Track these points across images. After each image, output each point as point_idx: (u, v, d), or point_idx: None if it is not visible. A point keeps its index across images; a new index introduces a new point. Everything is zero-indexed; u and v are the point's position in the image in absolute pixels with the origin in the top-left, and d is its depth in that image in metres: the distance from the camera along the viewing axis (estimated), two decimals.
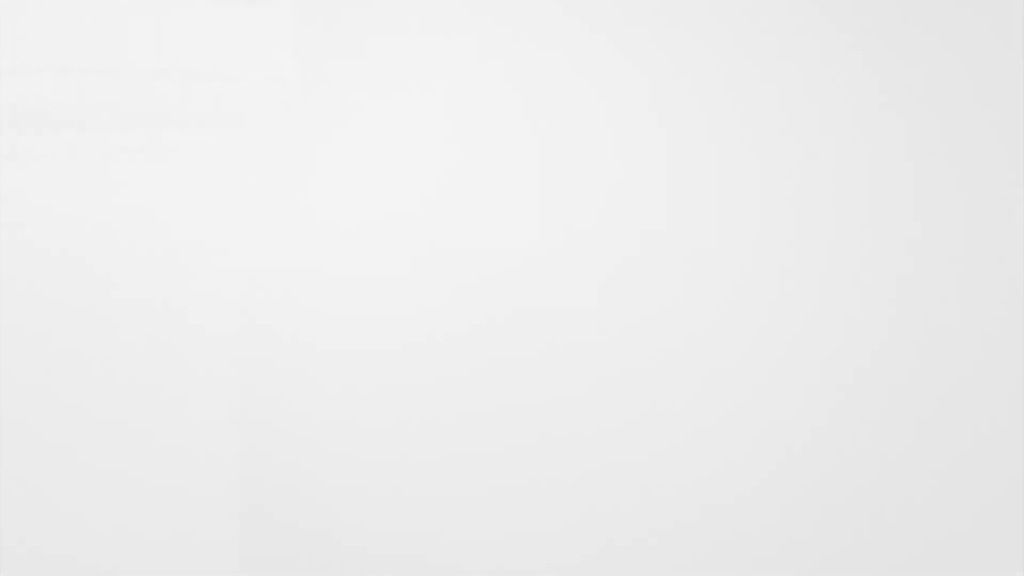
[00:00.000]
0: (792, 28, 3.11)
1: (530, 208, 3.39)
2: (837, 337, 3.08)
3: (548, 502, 3.55)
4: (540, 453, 3.45)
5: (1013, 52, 2.66)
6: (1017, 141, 2.76)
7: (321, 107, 3.74)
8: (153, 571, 3.40)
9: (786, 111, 3.02)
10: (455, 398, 3.33)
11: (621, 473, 3.62)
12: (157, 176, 3.26)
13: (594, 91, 3.67)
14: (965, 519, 2.95)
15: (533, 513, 3.52)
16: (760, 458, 3.09)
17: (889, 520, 2.87)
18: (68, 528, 3.17)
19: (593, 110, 3.64)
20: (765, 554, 3.13)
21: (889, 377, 2.90)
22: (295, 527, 3.86)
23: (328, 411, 3.82)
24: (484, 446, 3.38)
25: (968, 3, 2.83)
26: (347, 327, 3.80)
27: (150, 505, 3.38)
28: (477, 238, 3.32)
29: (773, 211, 3.16)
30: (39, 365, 3.04)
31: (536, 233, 3.35)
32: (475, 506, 3.44)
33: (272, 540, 3.90)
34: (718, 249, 3.39)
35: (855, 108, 2.95)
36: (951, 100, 2.84)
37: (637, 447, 3.59)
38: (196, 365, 3.50)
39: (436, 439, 3.38)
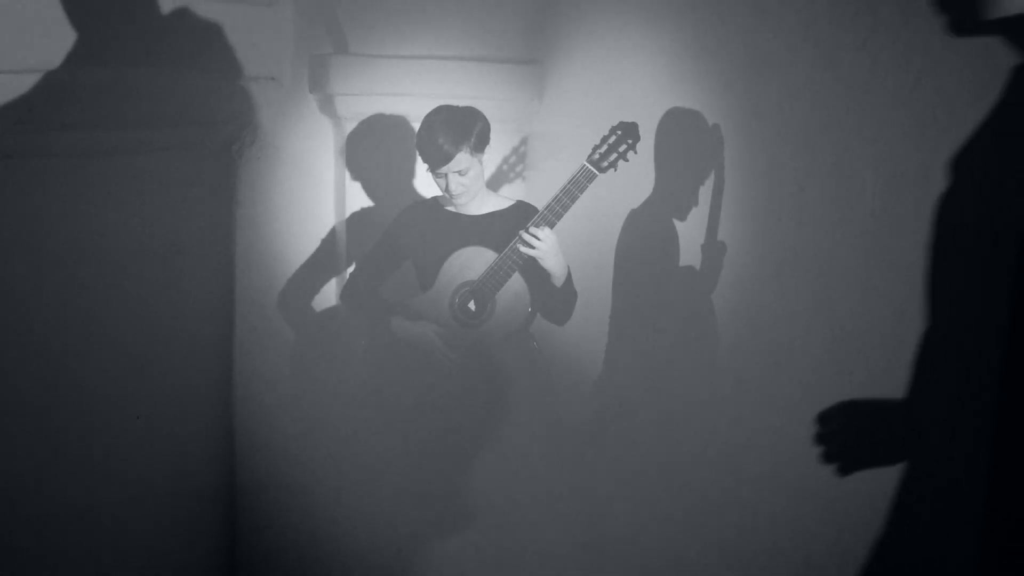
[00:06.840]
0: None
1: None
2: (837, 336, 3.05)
3: (548, 506, 3.54)
4: (541, 455, 3.45)
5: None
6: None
7: (318, 107, 3.76)
8: (143, 572, 3.39)
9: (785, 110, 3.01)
10: (454, 399, 3.32)
11: (624, 475, 3.61)
12: (152, 176, 3.28)
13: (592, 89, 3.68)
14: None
15: (533, 515, 3.50)
16: (761, 459, 3.06)
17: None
18: (59, 529, 3.17)
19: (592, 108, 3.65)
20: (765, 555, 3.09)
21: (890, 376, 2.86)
22: (286, 531, 3.85)
23: (323, 413, 3.83)
24: (484, 448, 3.36)
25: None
26: (343, 327, 3.80)
27: (141, 508, 3.38)
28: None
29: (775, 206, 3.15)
30: (28, 367, 3.05)
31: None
32: (474, 508, 3.43)
33: (264, 544, 3.90)
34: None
35: (853, 106, 2.94)
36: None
37: (640, 449, 3.57)
38: (187, 367, 3.51)
39: (434, 440, 3.38)
